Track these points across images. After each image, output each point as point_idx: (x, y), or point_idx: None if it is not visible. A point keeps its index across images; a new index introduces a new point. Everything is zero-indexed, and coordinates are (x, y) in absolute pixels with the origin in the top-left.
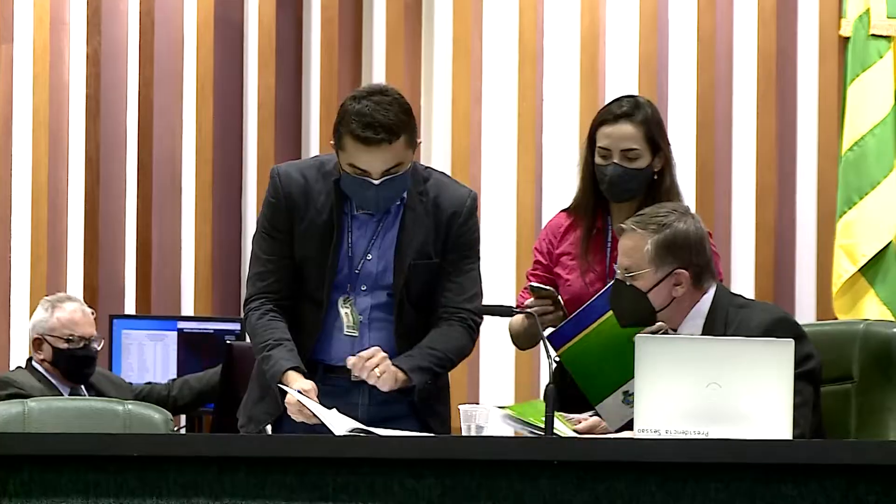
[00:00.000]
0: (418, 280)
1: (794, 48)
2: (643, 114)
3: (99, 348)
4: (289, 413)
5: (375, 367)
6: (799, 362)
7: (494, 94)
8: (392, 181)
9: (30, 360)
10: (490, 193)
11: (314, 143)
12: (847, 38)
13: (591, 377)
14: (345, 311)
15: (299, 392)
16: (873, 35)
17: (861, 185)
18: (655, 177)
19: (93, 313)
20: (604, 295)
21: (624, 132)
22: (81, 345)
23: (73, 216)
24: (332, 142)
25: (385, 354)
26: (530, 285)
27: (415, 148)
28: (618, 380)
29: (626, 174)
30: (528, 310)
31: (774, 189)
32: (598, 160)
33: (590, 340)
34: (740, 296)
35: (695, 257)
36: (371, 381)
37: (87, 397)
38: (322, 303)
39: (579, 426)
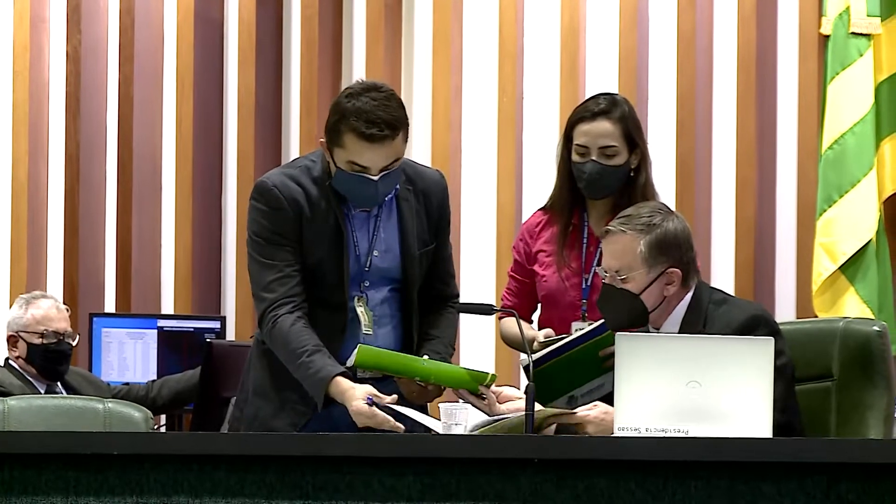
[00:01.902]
0: (423, 269)
1: (775, 46)
2: (620, 111)
3: (74, 344)
4: (358, 422)
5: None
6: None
7: (474, 91)
8: (389, 175)
9: (7, 358)
10: (470, 190)
11: (294, 141)
12: (827, 37)
13: (550, 389)
14: (360, 311)
15: (371, 399)
16: (853, 33)
17: (841, 184)
18: (632, 174)
19: (68, 310)
20: (585, 335)
21: (602, 129)
22: (55, 340)
23: (53, 214)
24: (322, 140)
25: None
26: (538, 342)
27: (407, 142)
28: (569, 389)
29: (604, 171)
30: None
31: (754, 187)
32: (575, 158)
33: (560, 364)
34: (720, 291)
35: (684, 255)
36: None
37: (68, 395)
38: (340, 305)
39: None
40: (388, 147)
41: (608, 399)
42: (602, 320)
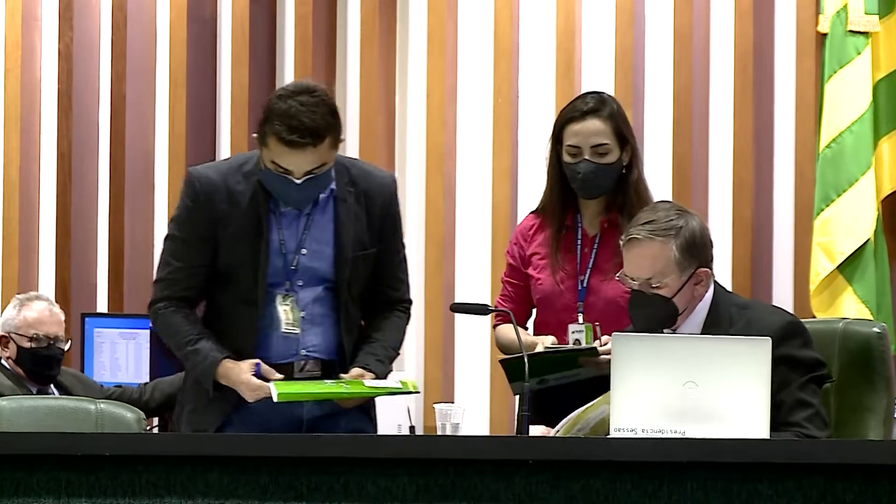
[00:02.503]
0: (358, 272)
1: (772, 44)
2: (609, 108)
3: (66, 349)
4: (251, 396)
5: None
6: (814, 366)
7: (469, 90)
8: (313, 180)
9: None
10: (465, 191)
11: None
12: (825, 35)
13: (523, 373)
14: (283, 309)
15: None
16: (851, 31)
17: (839, 183)
18: (623, 171)
19: (62, 313)
20: (573, 349)
21: (593, 128)
22: (45, 344)
23: (45, 213)
24: (254, 135)
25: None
26: (546, 348)
27: (338, 147)
28: (542, 375)
29: (598, 170)
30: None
31: (751, 186)
32: (567, 158)
33: (539, 359)
34: (735, 294)
35: (709, 253)
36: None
37: (60, 396)
38: (255, 301)
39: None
40: (311, 153)
41: (586, 386)
42: (593, 346)
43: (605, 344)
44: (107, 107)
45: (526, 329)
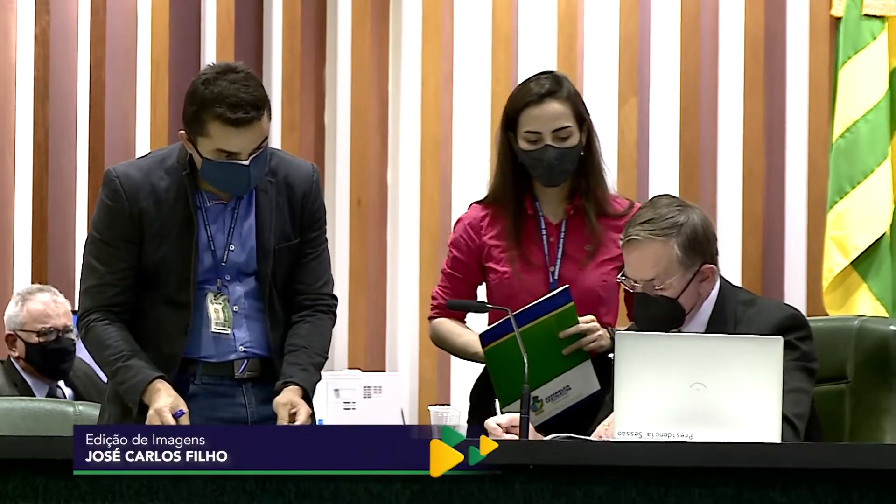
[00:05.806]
0: (283, 264)
1: (784, 29)
2: (567, 89)
3: (76, 338)
4: (152, 420)
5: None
6: (806, 356)
7: (466, 77)
8: (258, 158)
9: (9, 356)
10: (461, 183)
11: (275, 129)
12: (839, 19)
13: (508, 377)
14: (214, 308)
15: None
16: (866, 15)
17: (853, 174)
18: (582, 153)
19: (67, 304)
20: (546, 302)
21: (553, 111)
22: (54, 337)
23: (21, 206)
24: (181, 131)
25: (305, 411)
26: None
27: (270, 120)
28: (531, 384)
29: (562, 155)
30: None
31: (762, 178)
32: (525, 146)
33: (515, 341)
34: (744, 289)
35: (713, 248)
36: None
37: (35, 398)
38: (188, 302)
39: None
40: (256, 129)
41: (579, 410)
42: (565, 287)
43: (591, 322)
44: (85, 94)
45: (465, 324)
